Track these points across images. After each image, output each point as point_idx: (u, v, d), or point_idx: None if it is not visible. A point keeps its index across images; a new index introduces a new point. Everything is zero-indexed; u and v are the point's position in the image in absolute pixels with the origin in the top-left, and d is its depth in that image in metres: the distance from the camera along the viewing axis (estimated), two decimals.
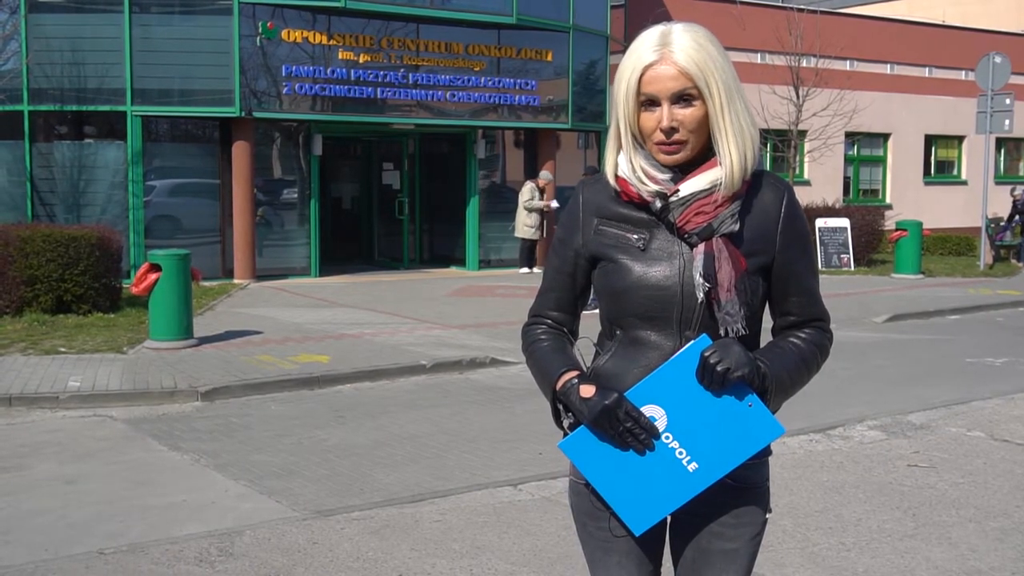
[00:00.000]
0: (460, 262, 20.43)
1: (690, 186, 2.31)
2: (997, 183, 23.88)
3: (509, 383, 10.07)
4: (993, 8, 39.95)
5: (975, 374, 10.45)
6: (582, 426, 2.30)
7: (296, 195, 18.64)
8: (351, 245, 20.35)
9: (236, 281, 17.30)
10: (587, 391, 2.29)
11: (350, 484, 6.67)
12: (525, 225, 19.72)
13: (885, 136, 29.72)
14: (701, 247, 2.29)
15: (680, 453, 2.25)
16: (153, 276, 11.07)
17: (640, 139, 2.34)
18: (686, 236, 2.31)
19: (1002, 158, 32.07)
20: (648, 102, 2.29)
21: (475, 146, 19.98)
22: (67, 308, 13.11)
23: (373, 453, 7.47)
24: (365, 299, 15.68)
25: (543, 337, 2.54)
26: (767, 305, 2.47)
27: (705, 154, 2.31)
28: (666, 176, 2.33)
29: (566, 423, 2.40)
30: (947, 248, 24.47)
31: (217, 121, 17.41)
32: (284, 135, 18.47)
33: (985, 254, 21.99)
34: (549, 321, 2.56)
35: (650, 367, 2.28)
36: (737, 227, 2.30)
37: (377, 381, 10.12)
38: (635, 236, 2.37)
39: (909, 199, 28.26)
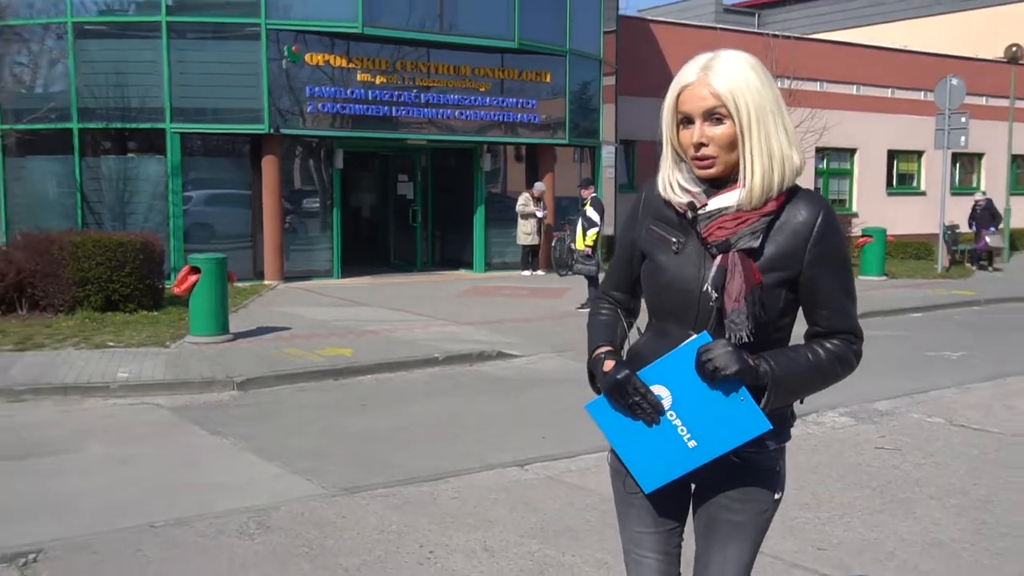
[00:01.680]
0: (468, 265, 20.43)
1: (717, 202, 2.33)
2: (953, 194, 23.90)
3: (515, 374, 10.11)
4: (948, 34, 39.98)
5: (934, 366, 10.49)
6: (603, 394, 2.39)
7: (319, 204, 18.65)
8: (369, 249, 20.35)
9: (266, 282, 17.32)
10: (608, 365, 2.39)
11: (373, 465, 6.69)
12: (523, 233, 19.77)
13: (852, 151, 29.75)
14: (718, 259, 2.31)
15: (682, 430, 2.31)
16: (193, 278, 11.11)
17: (681, 153, 2.38)
18: (708, 247, 2.33)
19: (957, 171, 32.09)
20: (685, 119, 2.33)
21: (481, 160, 19.99)
22: (115, 307, 13.10)
23: (393, 437, 7.51)
24: (383, 298, 15.68)
25: (603, 310, 2.63)
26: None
27: (737, 172, 2.33)
28: (700, 189, 2.36)
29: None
30: (908, 253, 24.47)
31: (248, 137, 17.40)
32: (308, 150, 18.47)
33: (942, 258, 22.02)
34: (610, 298, 2.65)
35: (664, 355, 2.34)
36: (757, 243, 2.29)
37: (396, 372, 10.14)
38: (673, 239, 2.41)
39: (873, 208, 28.30)
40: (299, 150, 18.42)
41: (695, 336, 2.28)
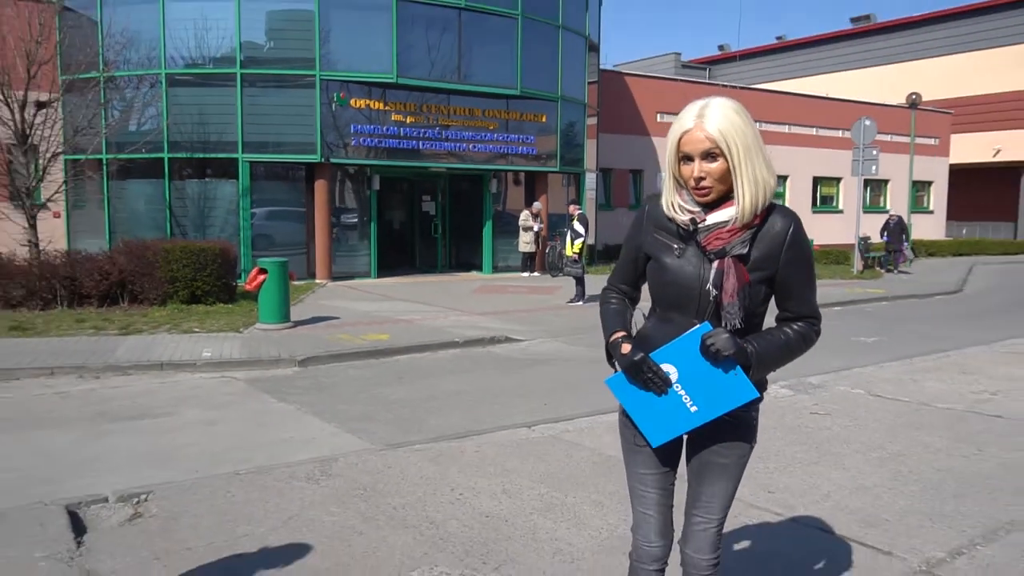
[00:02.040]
0: (478, 267, 20.38)
1: (714, 218, 2.39)
2: (865, 212, 23.94)
3: (520, 354, 10.10)
4: (861, 85, 40.05)
5: (854, 349, 10.50)
6: (621, 371, 2.44)
7: (360, 219, 18.58)
8: (400, 255, 20.29)
9: (317, 281, 17.31)
10: (625, 348, 2.45)
11: (410, 426, 6.69)
12: (523, 242, 19.80)
13: (784, 177, 29.77)
14: (716, 263, 2.37)
15: (685, 399, 2.37)
16: (262, 277, 11.09)
17: (682, 183, 2.43)
18: (707, 254, 2.38)
19: (868, 194, 32.16)
20: (685, 157, 2.38)
21: (489, 184, 19.93)
22: (198, 300, 13.11)
23: (425, 404, 7.49)
24: (411, 294, 15.65)
25: (612, 300, 2.66)
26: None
27: (728, 194, 2.37)
28: (699, 209, 2.42)
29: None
30: (829, 259, 24.52)
31: (303, 165, 17.35)
32: (351, 175, 18.43)
33: (857, 263, 22.05)
34: (617, 289, 2.67)
35: (671, 338, 2.38)
36: (745, 250, 2.36)
37: (424, 353, 10.11)
38: (675, 246, 2.45)
39: (802, 223, 28.33)
40: (344, 175, 18.37)
41: (699, 325, 2.34)
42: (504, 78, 18.96)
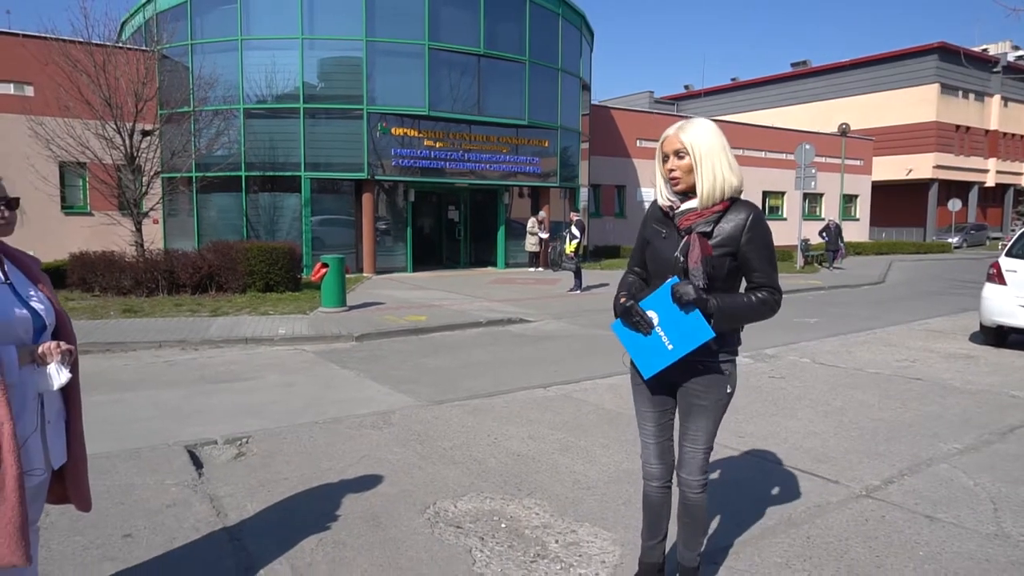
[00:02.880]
0: (493, 264, 20.38)
1: (685, 205, 2.54)
2: (804, 219, 23.90)
3: (533, 332, 10.13)
4: (801, 117, 39.96)
5: (800, 328, 10.51)
6: (619, 317, 2.59)
7: (398, 224, 18.61)
8: (429, 253, 20.31)
9: (364, 274, 17.33)
10: (623, 300, 2.59)
11: (449, 387, 6.72)
12: (530, 243, 19.80)
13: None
14: (685, 238, 2.51)
15: (664, 339, 2.49)
16: (324, 270, 11.16)
17: (664, 177, 2.57)
18: (680, 232, 2.52)
19: (806, 205, 32.10)
20: (665, 156, 2.54)
21: (502, 196, 19.94)
22: (271, 289, 13.15)
23: (459, 371, 7.52)
24: (440, 285, 15.67)
25: (628, 277, 2.76)
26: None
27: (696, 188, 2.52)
28: (676, 199, 2.56)
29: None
30: (777, 257, 24.52)
31: (353, 181, 17.37)
32: (391, 189, 18.47)
33: (799, 260, 22.04)
34: (632, 271, 2.76)
35: None
36: (708, 229, 2.47)
37: (455, 331, 10.14)
38: (663, 231, 2.59)
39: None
40: (385, 189, 18.39)
41: (671, 279, 2.48)
42: (514, 111, 18.95)
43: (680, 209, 2.55)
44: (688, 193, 2.52)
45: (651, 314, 2.50)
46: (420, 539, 3.36)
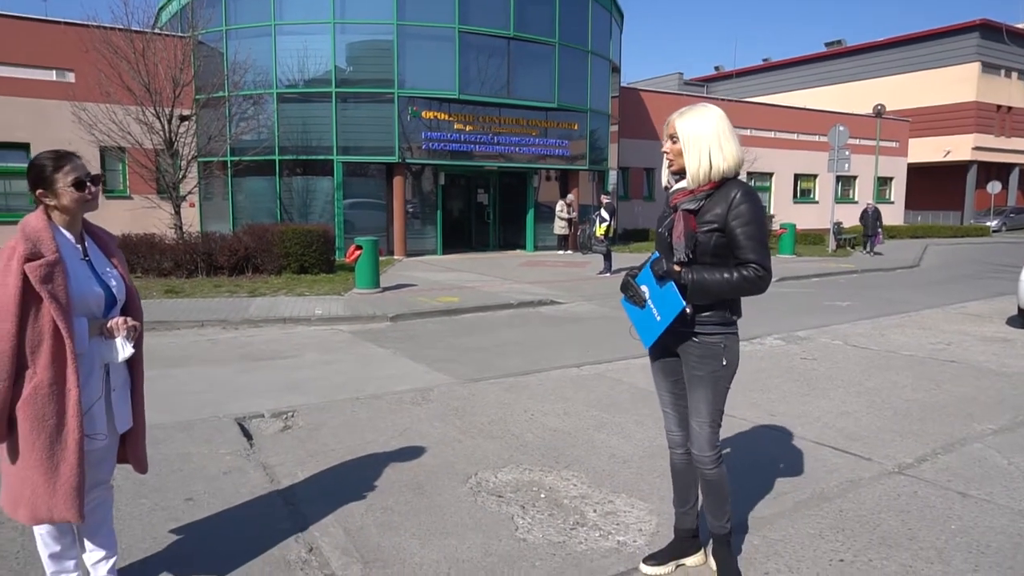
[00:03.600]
0: (522, 247, 20.47)
1: (677, 185, 2.70)
2: (837, 203, 23.60)
3: (562, 314, 10.19)
4: (834, 98, 39.24)
5: (831, 311, 10.46)
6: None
7: (429, 207, 18.74)
8: (459, 236, 20.41)
9: (395, 257, 17.52)
10: (625, 275, 2.76)
11: (484, 366, 6.81)
12: (559, 226, 19.82)
13: (770, 174, 29.40)
14: (671, 215, 2.68)
15: (654, 311, 2.63)
16: (358, 252, 11.34)
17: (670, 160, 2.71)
18: (670, 208, 2.70)
19: (839, 188, 31.64)
20: (665, 139, 2.69)
21: (531, 180, 19.98)
22: (306, 271, 13.37)
23: (492, 350, 7.61)
24: (470, 267, 15.77)
25: (653, 257, 2.84)
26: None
27: None
28: (673, 178, 2.72)
29: None
30: (807, 241, 24.16)
31: (384, 165, 17.52)
32: (422, 173, 18.58)
33: (831, 243, 21.81)
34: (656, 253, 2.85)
35: None
36: (693, 207, 2.61)
37: (487, 312, 10.22)
38: (666, 210, 2.76)
39: (785, 212, 27.95)
40: (416, 173, 18.52)
41: (653, 255, 2.64)
42: (544, 94, 18.92)
43: (672, 188, 2.71)
44: (681, 173, 2.67)
45: (644, 288, 2.67)
46: (464, 506, 3.52)
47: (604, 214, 14.79)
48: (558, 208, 19.74)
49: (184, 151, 13.87)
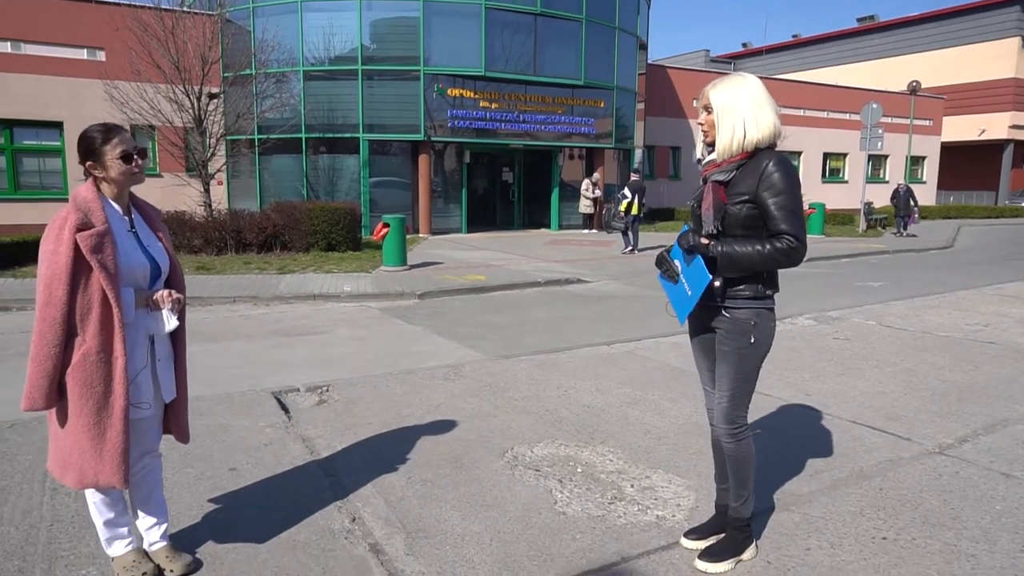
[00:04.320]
0: (547, 225, 20.38)
1: (709, 156, 2.67)
2: (868, 182, 23.16)
3: (589, 292, 10.17)
4: (865, 75, 38.41)
5: (863, 291, 10.31)
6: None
7: (454, 185, 18.71)
8: (484, 214, 20.38)
9: (420, 235, 17.55)
10: (660, 251, 2.76)
11: (513, 343, 6.82)
12: (584, 205, 19.71)
13: (799, 153, 28.86)
14: (702, 187, 2.66)
15: (685, 285, 2.62)
16: (386, 230, 11.39)
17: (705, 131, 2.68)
18: (703, 181, 2.66)
19: (870, 167, 31.07)
20: (701, 111, 2.66)
21: (557, 158, 19.85)
22: (333, 248, 13.45)
23: (521, 328, 7.61)
24: (495, 245, 15.78)
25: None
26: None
27: None
28: (708, 151, 2.69)
29: None
30: (836, 221, 23.79)
31: (410, 143, 17.50)
32: (447, 151, 18.56)
33: (862, 223, 21.46)
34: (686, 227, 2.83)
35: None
36: (722, 178, 2.56)
37: (514, 290, 10.24)
38: (701, 181, 2.72)
39: (813, 191, 27.43)
40: (441, 151, 18.47)
41: (683, 228, 2.63)
42: (570, 71, 18.70)
43: (704, 160, 2.68)
44: (714, 145, 2.63)
45: (676, 263, 2.67)
46: (502, 479, 3.55)
47: (626, 191, 14.72)
48: (583, 187, 19.61)
49: (212, 129, 13.95)
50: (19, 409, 4.17)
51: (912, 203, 20.22)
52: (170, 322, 2.55)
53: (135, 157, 2.50)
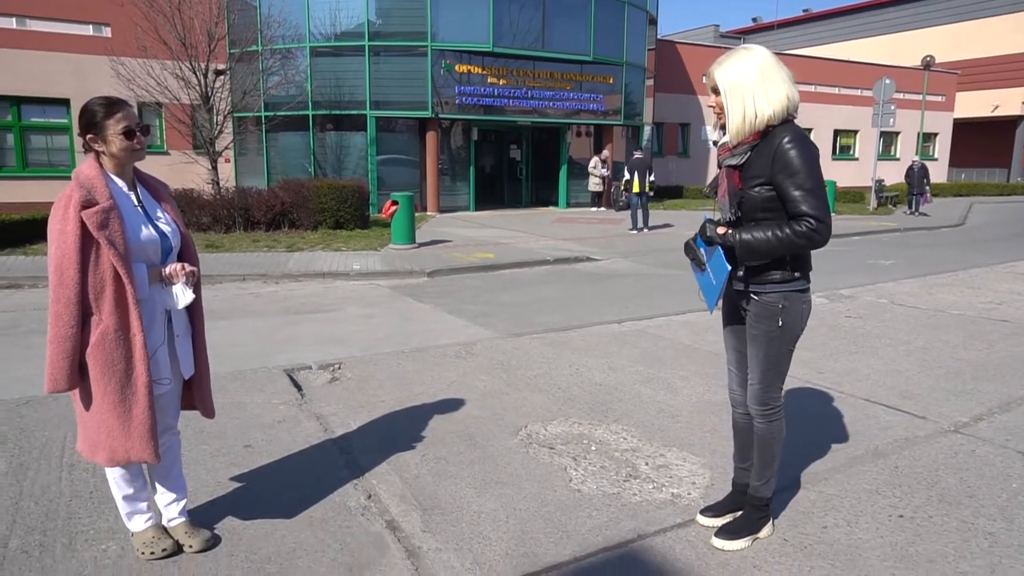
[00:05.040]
0: (555, 203, 20.29)
1: (721, 139, 2.59)
2: (879, 159, 22.90)
3: (598, 270, 10.15)
4: (878, 49, 37.85)
5: (875, 269, 10.29)
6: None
7: (461, 163, 18.61)
8: (491, 192, 20.29)
9: (428, 213, 17.51)
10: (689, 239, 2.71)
11: (523, 321, 6.82)
12: (593, 182, 19.58)
13: (809, 130, 28.55)
14: (717, 173, 2.61)
15: (711, 274, 2.58)
16: (394, 207, 11.34)
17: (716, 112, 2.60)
18: (719, 165, 2.62)
19: (880, 144, 30.74)
20: (710, 92, 2.58)
21: (565, 135, 19.70)
22: (341, 226, 13.43)
23: (531, 306, 7.61)
24: (503, 223, 15.75)
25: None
26: None
27: None
28: (721, 133, 2.61)
29: None
30: (846, 199, 23.61)
31: (417, 120, 17.38)
32: (456, 128, 18.42)
33: (872, 201, 21.27)
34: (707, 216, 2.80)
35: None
36: (735, 162, 2.49)
37: (523, 268, 10.23)
38: (717, 166, 2.67)
39: (824, 169, 26.75)
40: (448, 128, 18.35)
41: (705, 216, 2.59)
42: (579, 46, 18.49)
43: (719, 143, 2.60)
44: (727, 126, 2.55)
45: (702, 251, 2.63)
46: (516, 457, 3.55)
47: (625, 171, 14.77)
48: (592, 164, 19.49)
49: (219, 106, 13.88)
50: (33, 386, 4.18)
51: (925, 182, 19.93)
52: (185, 296, 2.52)
53: (137, 133, 2.46)
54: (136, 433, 2.42)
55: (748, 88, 2.41)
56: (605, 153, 19.62)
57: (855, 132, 30.21)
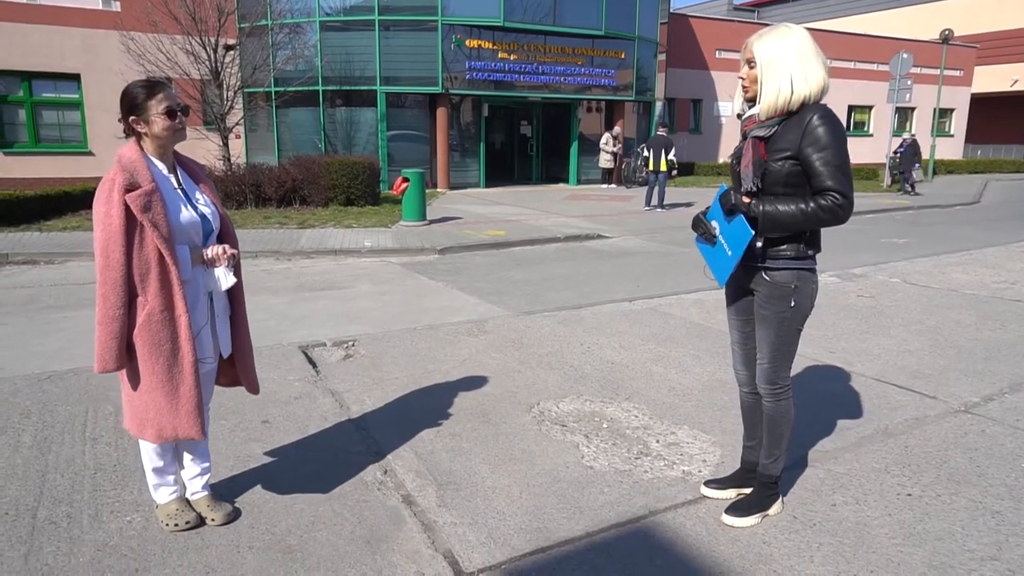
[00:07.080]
0: (565, 180, 20.23)
1: (749, 112, 2.59)
2: (894, 135, 22.63)
3: (609, 248, 10.14)
4: (894, 22, 37.23)
5: (888, 248, 10.22)
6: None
7: (472, 139, 18.54)
8: (502, 169, 20.26)
9: (438, 190, 17.53)
10: (697, 213, 2.71)
11: (535, 299, 6.84)
12: (604, 159, 19.49)
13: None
14: (741, 143, 2.60)
15: (725, 246, 2.57)
16: (405, 184, 11.34)
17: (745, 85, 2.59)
18: (743, 136, 2.60)
19: (895, 120, 30.35)
20: (743, 63, 2.57)
21: (576, 111, 19.56)
22: (352, 203, 13.48)
23: (542, 284, 7.63)
24: (514, 200, 15.72)
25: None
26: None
27: None
28: (747, 106, 2.61)
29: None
30: (861, 175, 23.42)
31: (427, 96, 17.31)
32: (466, 104, 18.33)
33: (886, 179, 21.07)
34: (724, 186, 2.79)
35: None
36: (762, 133, 2.49)
37: (534, 246, 10.23)
38: (741, 137, 2.66)
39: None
40: (459, 104, 18.26)
41: (721, 187, 2.57)
42: (591, 21, 18.29)
43: (746, 115, 2.61)
44: (755, 101, 2.54)
45: (714, 224, 2.61)
46: (529, 434, 3.61)
47: (644, 148, 14.70)
48: (603, 141, 19.38)
49: (230, 81, 13.86)
50: (53, 361, 4.27)
51: (916, 160, 19.21)
52: (228, 278, 2.58)
53: (179, 113, 2.50)
54: (184, 411, 2.50)
55: (786, 65, 2.41)
56: (616, 129, 19.48)
57: (870, 108, 29.81)
